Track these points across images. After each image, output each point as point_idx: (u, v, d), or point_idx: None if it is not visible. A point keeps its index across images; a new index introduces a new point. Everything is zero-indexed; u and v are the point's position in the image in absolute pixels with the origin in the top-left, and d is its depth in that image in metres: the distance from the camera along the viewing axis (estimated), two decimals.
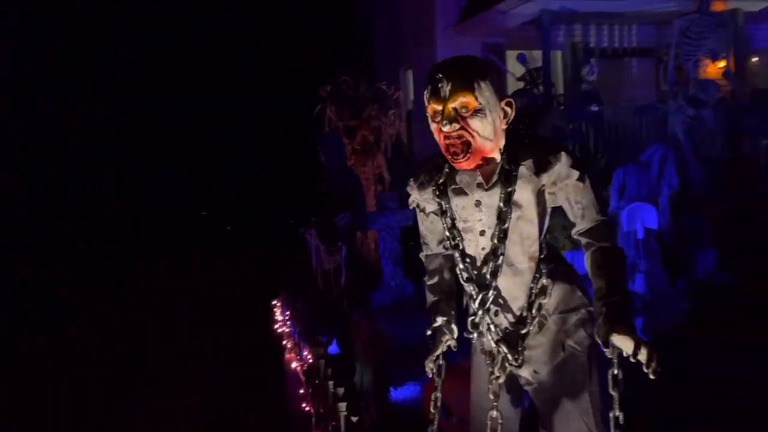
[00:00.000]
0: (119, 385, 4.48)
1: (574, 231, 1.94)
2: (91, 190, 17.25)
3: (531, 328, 1.96)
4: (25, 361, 5.65)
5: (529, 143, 1.88)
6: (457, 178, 1.89)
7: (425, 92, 1.84)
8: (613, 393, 1.79)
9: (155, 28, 18.80)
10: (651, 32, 11.46)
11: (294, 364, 2.84)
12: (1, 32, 16.48)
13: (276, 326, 3.91)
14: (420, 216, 2.11)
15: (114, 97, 17.89)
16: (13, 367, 5.50)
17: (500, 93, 1.85)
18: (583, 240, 1.91)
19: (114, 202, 17.28)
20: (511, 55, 11.20)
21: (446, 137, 1.78)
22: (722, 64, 10.02)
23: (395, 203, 7.08)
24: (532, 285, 1.92)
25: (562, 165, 1.83)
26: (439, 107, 1.79)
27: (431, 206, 2.03)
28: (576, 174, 1.84)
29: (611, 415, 1.79)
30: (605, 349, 1.80)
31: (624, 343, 1.72)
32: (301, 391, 2.57)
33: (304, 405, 2.48)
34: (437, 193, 1.93)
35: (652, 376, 1.67)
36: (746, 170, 8.52)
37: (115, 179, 17.93)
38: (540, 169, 1.82)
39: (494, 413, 1.95)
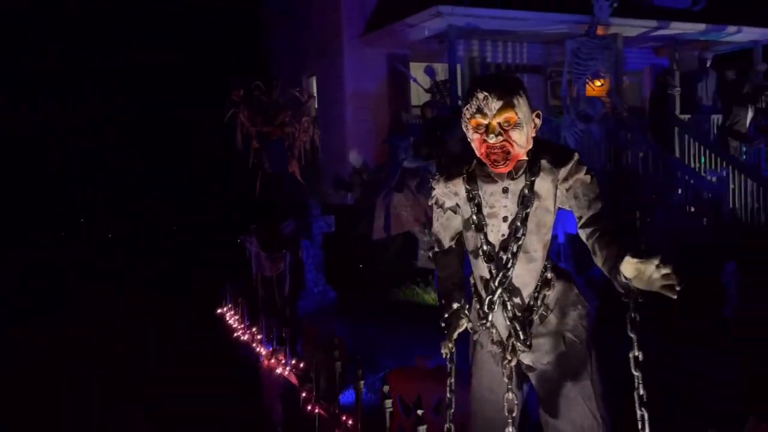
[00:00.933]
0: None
1: (581, 222, 2.13)
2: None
3: (536, 316, 2.18)
4: None
5: (547, 145, 2.16)
6: (486, 169, 2.13)
7: (468, 107, 2.04)
8: (632, 334, 1.93)
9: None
10: (539, 51, 12.33)
11: (280, 370, 2.89)
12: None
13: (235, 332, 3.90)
14: (437, 213, 2.33)
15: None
16: None
17: (529, 106, 2.07)
18: (590, 229, 2.07)
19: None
20: (414, 67, 11.64)
21: (489, 147, 2.02)
22: (599, 83, 11.02)
23: (318, 210, 7.18)
24: (541, 273, 2.16)
25: (575, 162, 2.10)
26: (485, 121, 2.01)
27: (450, 201, 2.25)
28: (584, 169, 2.11)
29: (636, 393, 1.94)
30: (626, 289, 1.88)
31: (649, 267, 1.76)
32: (303, 394, 2.63)
33: (309, 407, 2.54)
34: (467, 179, 2.15)
35: (674, 295, 1.74)
36: (628, 180, 9.43)
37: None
38: (558, 163, 2.09)
39: (510, 395, 2.15)
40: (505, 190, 2.12)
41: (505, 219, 2.14)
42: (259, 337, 3.33)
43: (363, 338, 5.01)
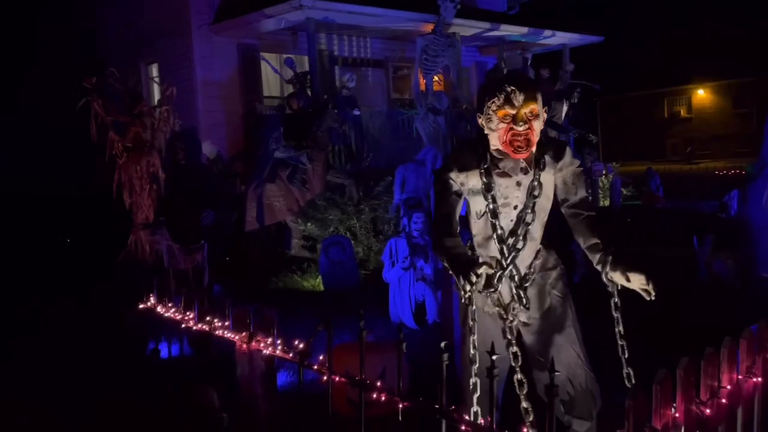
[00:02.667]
0: None
1: (566, 204, 2.59)
2: None
3: (529, 283, 2.60)
4: None
5: (547, 141, 2.54)
6: (501, 165, 2.46)
7: (495, 99, 2.35)
8: (616, 314, 2.47)
9: None
10: (382, 46, 12.95)
11: (268, 351, 2.96)
12: None
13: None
14: (442, 198, 2.58)
15: None
16: None
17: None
18: (574, 210, 2.56)
19: None
20: (266, 57, 11.63)
21: (515, 135, 2.35)
22: (436, 78, 11.92)
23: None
24: (538, 249, 2.57)
25: (568, 155, 2.53)
26: (512, 112, 2.34)
27: (456, 187, 2.54)
28: (577, 163, 2.58)
29: (618, 342, 2.47)
30: (611, 282, 2.44)
31: (634, 275, 2.34)
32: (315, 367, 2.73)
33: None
34: (484, 174, 2.46)
35: (651, 298, 2.33)
36: None
37: None
38: (558, 157, 2.51)
39: (514, 348, 2.52)
40: (519, 184, 2.48)
41: (515, 207, 2.51)
42: (219, 324, 3.36)
43: None
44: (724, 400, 2.02)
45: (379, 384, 2.50)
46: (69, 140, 12.68)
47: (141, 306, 4.28)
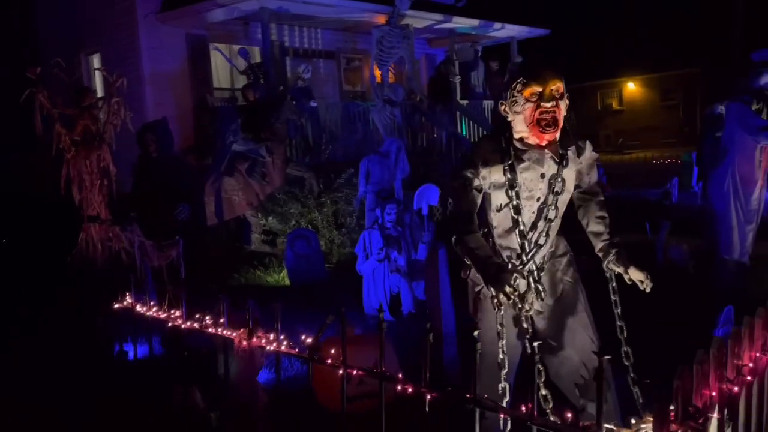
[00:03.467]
0: None
1: (578, 190, 2.66)
2: None
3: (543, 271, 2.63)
4: None
5: (569, 136, 2.54)
6: (525, 156, 2.46)
7: (521, 78, 2.37)
8: (614, 297, 2.61)
9: None
10: (332, 38, 12.83)
11: (272, 347, 2.85)
12: None
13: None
14: (463, 193, 2.55)
15: None
16: None
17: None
18: (584, 195, 2.68)
19: None
20: (213, 48, 11.33)
21: (543, 112, 2.36)
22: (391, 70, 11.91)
23: None
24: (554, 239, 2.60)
25: (588, 149, 2.57)
26: (539, 89, 2.36)
27: (477, 182, 2.52)
28: (596, 156, 2.63)
29: (617, 323, 2.57)
30: (609, 271, 2.59)
31: (634, 270, 2.49)
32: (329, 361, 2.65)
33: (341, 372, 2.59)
34: (508, 169, 2.45)
35: (647, 290, 2.49)
36: (431, 158, 10.42)
37: None
38: (579, 152, 2.54)
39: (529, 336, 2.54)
40: (543, 176, 2.49)
41: (538, 200, 2.52)
42: (209, 321, 3.24)
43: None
44: (749, 377, 2.08)
45: (400, 375, 2.47)
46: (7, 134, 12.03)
47: (116, 305, 4.09)
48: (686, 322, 4.47)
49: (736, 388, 2.03)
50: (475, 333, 2.13)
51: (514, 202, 2.49)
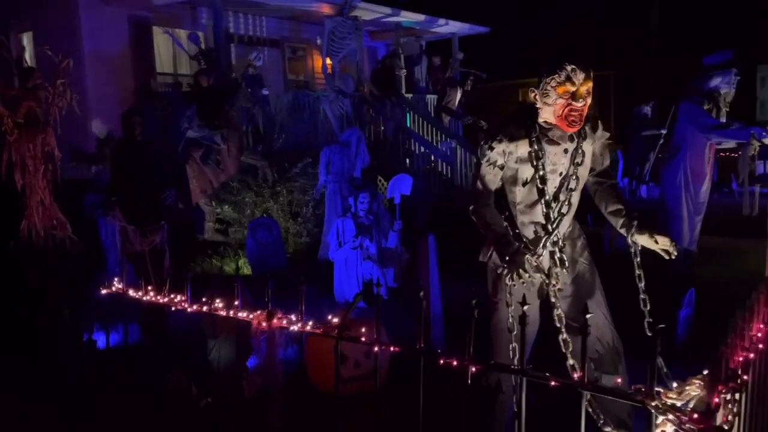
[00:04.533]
0: None
1: (593, 173, 2.86)
2: None
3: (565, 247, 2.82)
4: None
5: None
6: (550, 134, 2.66)
7: (555, 76, 2.53)
8: (638, 271, 2.77)
9: None
10: (277, 26, 12.69)
11: (297, 327, 2.86)
12: None
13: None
14: (485, 170, 2.76)
15: None
16: None
17: None
18: (599, 179, 2.87)
19: None
20: (156, 31, 10.97)
21: (572, 110, 2.55)
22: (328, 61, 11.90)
23: None
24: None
25: (601, 127, 2.79)
26: (572, 89, 2.54)
27: (501, 160, 2.71)
28: (607, 135, 2.83)
29: (641, 296, 2.76)
30: (634, 243, 2.75)
31: (660, 237, 2.67)
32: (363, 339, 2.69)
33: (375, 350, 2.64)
34: (534, 142, 2.64)
35: (673, 257, 2.68)
36: (383, 151, 10.53)
37: None
38: (594, 129, 2.75)
39: (558, 311, 2.72)
40: (566, 151, 2.69)
41: (560, 174, 2.70)
42: (220, 304, 3.23)
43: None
44: (761, 345, 2.34)
45: (439, 351, 2.58)
46: None
47: (104, 291, 3.98)
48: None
49: (752, 355, 2.28)
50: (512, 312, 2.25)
51: (540, 173, 2.67)
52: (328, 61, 10.15)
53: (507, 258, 2.61)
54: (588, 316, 2.08)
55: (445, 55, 13.95)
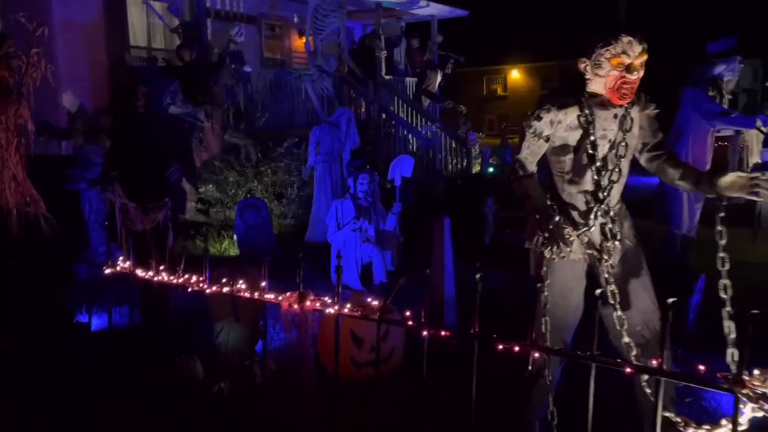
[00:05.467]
0: None
1: (648, 148, 2.74)
2: None
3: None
4: None
5: None
6: (598, 100, 2.59)
7: (610, 47, 2.46)
8: (720, 228, 2.46)
9: None
10: (254, 2, 12.32)
11: (333, 309, 2.70)
12: None
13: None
14: (530, 141, 2.69)
15: None
16: None
17: None
18: (657, 152, 2.74)
19: None
20: (132, 2, 10.51)
21: (625, 83, 2.48)
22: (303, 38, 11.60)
23: (99, 157, 6.25)
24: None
25: (644, 97, 2.70)
26: (628, 61, 2.46)
27: (548, 130, 2.64)
28: (653, 105, 2.74)
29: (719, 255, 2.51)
30: (720, 196, 2.49)
31: (748, 175, 2.45)
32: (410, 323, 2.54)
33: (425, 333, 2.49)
34: (584, 108, 2.57)
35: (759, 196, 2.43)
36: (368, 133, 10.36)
37: None
38: (639, 98, 2.67)
39: (612, 287, 2.63)
40: (615, 116, 2.62)
41: (609, 140, 2.63)
42: (242, 285, 3.06)
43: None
44: None
45: (495, 335, 2.48)
46: None
47: (108, 271, 3.75)
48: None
49: None
50: (597, 292, 2.17)
51: (591, 138, 2.59)
52: (311, 38, 9.88)
53: (547, 230, 2.55)
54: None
55: (424, 37, 13.80)
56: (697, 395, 3.43)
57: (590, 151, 2.62)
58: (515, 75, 38.98)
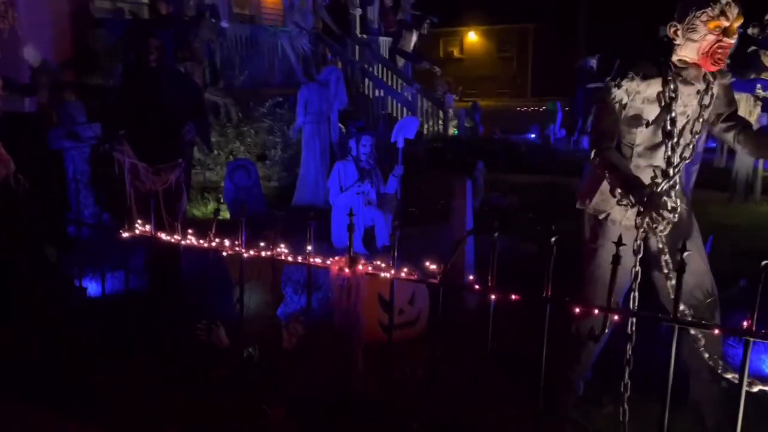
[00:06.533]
0: None
1: (723, 118, 2.70)
2: None
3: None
4: None
5: None
6: (684, 74, 2.53)
7: (708, 10, 2.39)
8: None
9: None
10: None
11: (389, 274, 2.62)
12: None
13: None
14: (609, 110, 2.59)
15: None
16: None
17: None
18: (732, 123, 2.70)
19: None
20: None
21: (721, 47, 2.42)
22: None
23: (83, 116, 5.93)
24: None
25: (724, 71, 2.66)
26: (726, 24, 2.40)
27: (626, 99, 2.58)
28: (729, 75, 2.70)
29: None
30: None
31: None
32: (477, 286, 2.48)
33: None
34: (670, 82, 2.51)
35: None
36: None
37: None
38: (719, 72, 2.62)
39: (667, 256, 2.65)
40: (698, 92, 2.56)
41: (687, 116, 2.59)
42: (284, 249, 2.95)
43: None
44: None
45: (567, 299, 2.46)
46: None
47: (126, 234, 3.57)
48: None
49: None
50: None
51: (672, 114, 2.54)
52: None
53: (643, 200, 2.44)
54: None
55: None
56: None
57: (668, 128, 2.56)
58: (472, 37, 38.79)
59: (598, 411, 2.97)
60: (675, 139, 2.59)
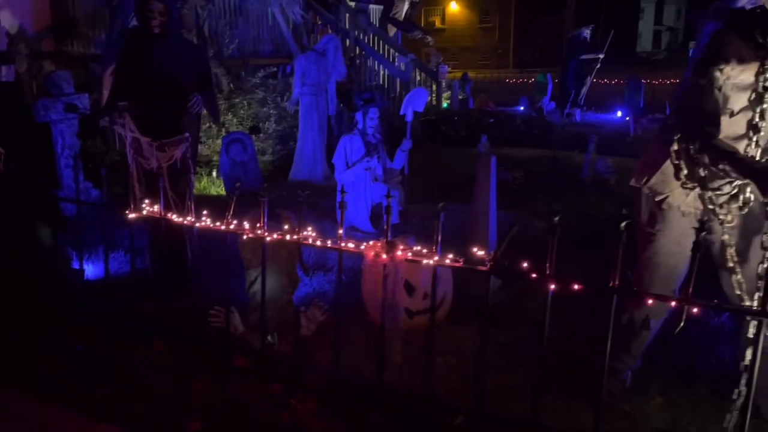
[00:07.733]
0: None
1: None
2: None
3: None
4: None
5: None
6: None
7: None
8: None
9: None
10: None
11: (432, 261, 2.39)
12: None
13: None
14: (713, 93, 2.34)
15: None
16: None
17: None
18: None
19: None
20: None
21: None
22: None
23: (71, 87, 5.56)
24: None
25: None
26: None
27: (721, 82, 2.31)
28: None
29: None
30: None
31: None
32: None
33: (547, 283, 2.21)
34: (765, 70, 2.26)
35: None
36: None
37: None
38: None
39: (732, 249, 2.46)
40: None
41: None
42: (311, 232, 2.72)
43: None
44: None
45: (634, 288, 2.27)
46: None
47: (133, 215, 3.29)
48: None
49: None
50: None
51: (765, 105, 2.32)
52: None
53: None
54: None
55: None
56: None
57: (756, 120, 2.33)
58: (454, 8, 38.25)
59: (647, 402, 2.81)
60: (763, 132, 2.36)
